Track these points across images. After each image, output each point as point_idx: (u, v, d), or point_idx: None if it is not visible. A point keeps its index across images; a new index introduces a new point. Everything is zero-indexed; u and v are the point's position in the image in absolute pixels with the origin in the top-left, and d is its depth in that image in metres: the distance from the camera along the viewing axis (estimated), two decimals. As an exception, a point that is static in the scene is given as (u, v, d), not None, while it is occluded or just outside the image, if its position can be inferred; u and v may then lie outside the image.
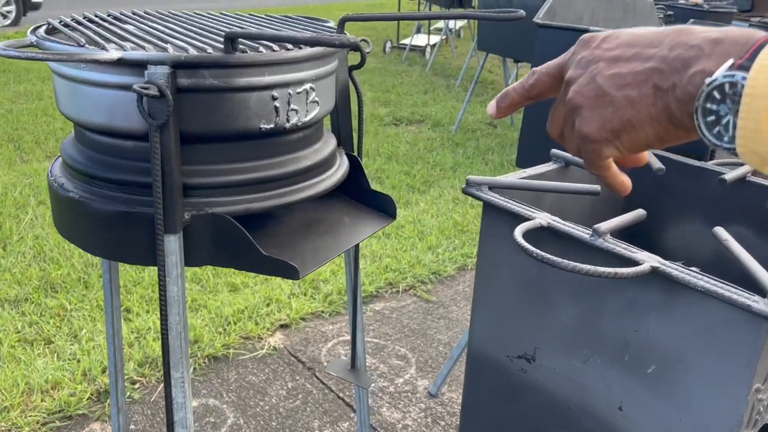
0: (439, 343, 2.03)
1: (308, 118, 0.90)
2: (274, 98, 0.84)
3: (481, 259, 0.98)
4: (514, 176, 1.00)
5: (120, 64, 0.77)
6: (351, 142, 1.12)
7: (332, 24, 1.11)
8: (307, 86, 0.89)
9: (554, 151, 1.07)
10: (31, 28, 0.88)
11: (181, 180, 0.81)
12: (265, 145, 0.88)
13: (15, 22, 8.22)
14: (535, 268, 0.89)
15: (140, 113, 0.76)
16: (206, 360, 1.88)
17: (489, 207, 0.93)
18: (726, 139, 0.41)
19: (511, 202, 0.88)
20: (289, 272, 0.82)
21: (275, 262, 0.82)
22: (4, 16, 8.15)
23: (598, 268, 0.72)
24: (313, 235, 0.96)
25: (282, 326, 2.08)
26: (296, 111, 0.88)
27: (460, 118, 4.45)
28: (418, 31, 7.23)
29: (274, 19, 1.09)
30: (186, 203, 0.83)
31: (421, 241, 2.67)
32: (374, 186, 3.46)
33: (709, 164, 1.11)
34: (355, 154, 1.12)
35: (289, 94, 0.86)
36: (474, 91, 4.61)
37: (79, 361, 1.84)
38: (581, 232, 0.81)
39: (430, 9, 6.69)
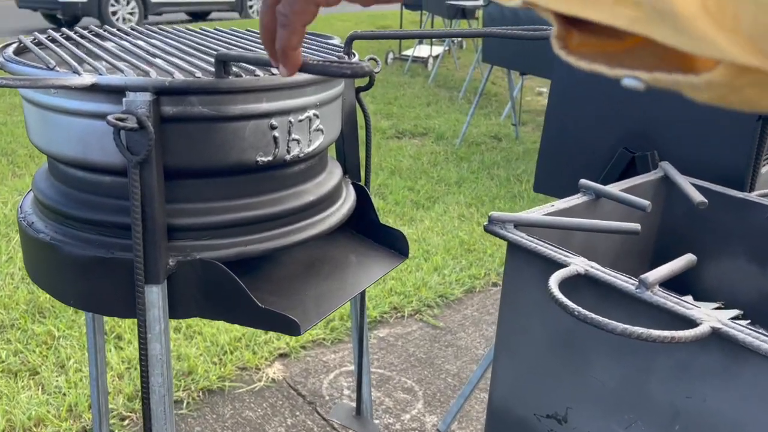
0: (447, 374, 1.92)
1: (311, 148, 0.80)
2: (272, 127, 0.74)
3: (506, 305, 0.87)
4: (540, 211, 0.90)
5: (94, 90, 0.66)
6: (358, 171, 1.01)
7: (337, 41, 1.01)
8: (311, 113, 0.78)
9: (583, 182, 0.97)
10: (0, 46, 0.78)
11: (164, 222, 0.70)
12: (261, 180, 0.77)
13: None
14: (569, 319, 0.78)
15: (117, 147, 0.65)
16: (200, 393, 1.77)
17: (515, 248, 0.82)
18: None
19: (542, 244, 0.78)
20: (289, 327, 0.72)
21: (273, 316, 0.72)
22: (126, 20, 8.66)
23: (652, 332, 0.61)
24: (316, 278, 0.86)
25: (281, 355, 1.97)
26: (298, 141, 0.77)
27: (464, 132, 4.34)
28: (421, 42, 7.15)
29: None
30: (171, 247, 0.72)
31: (426, 262, 2.56)
32: (377, 203, 3.35)
33: (753, 195, 1.01)
34: (362, 183, 1.02)
35: (290, 122, 0.76)
36: (478, 103, 4.51)
37: (65, 394, 1.73)
38: (626, 282, 0.70)
39: (432, 21, 6.61)
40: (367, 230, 0.96)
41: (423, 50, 6.94)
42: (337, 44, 0.97)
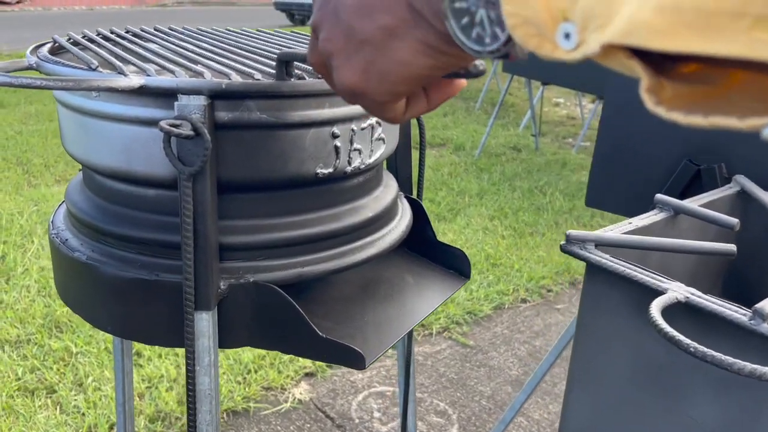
0: (481, 396, 1.83)
1: (372, 159, 0.72)
2: (334, 136, 0.66)
3: (583, 332, 0.79)
4: (619, 229, 0.82)
5: (142, 92, 0.59)
6: (410, 184, 0.94)
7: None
8: (373, 120, 0.71)
9: (660, 197, 0.89)
10: (32, 47, 0.71)
11: (217, 241, 0.63)
12: (320, 194, 0.70)
13: None
14: (662, 351, 0.70)
15: (168, 157, 0.58)
16: (225, 415, 1.70)
17: (597, 270, 0.74)
18: (487, 39, 0.32)
19: (633, 267, 0.70)
20: (354, 360, 0.64)
21: (335, 347, 0.64)
22: None
23: (786, 372, 0.53)
24: (372, 301, 0.78)
25: (307, 374, 1.88)
26: (359, 151, 0.70)
27: (483, 142, 4.27)
28: (435, 52, 7.10)
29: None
30: (222, 269, 0.65)
31: (452, 277, 2.49)
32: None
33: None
34: (415, 196, 0.94)
35: (353, 130, 0.68)
36: (497, 115, 4.44)
37: (84, 414, 1.66)
38: (736, 312, 0.62)
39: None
40: (423, 248, 0.88)
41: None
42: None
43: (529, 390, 1.42)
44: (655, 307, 0.62)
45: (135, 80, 0.58)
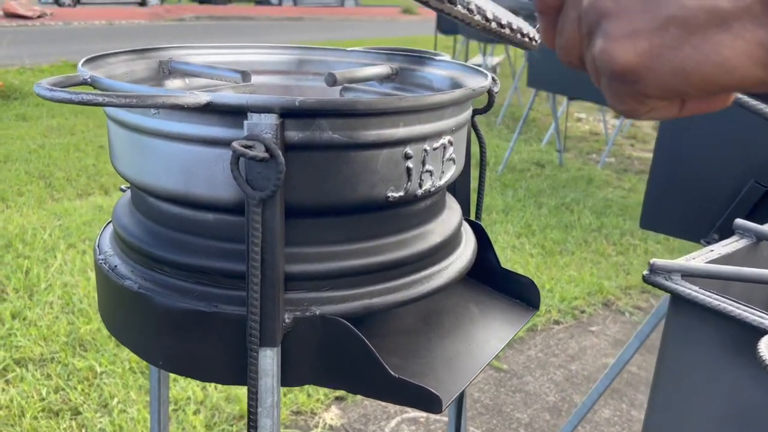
0: (519, 424, 1.76)
1: (443, 181, 0.67)
2: (407, 156, 0.61)
3: (666, 368, 0.73)
4: (703, 258, 0.76)
5: (208, 110, 0.55)
6: (469, 206, 0.89)
7: (447, 56, 0.89)
8: (446, 139, 0.66)
9: (740, 222, 0.83)
10: (83, 60, 0.67)
11: (283, 270, 0.58)
12: (388, 219, 0.65)
13: None
14: (764, 394, 0.64)
15: (236, 180, 0.53)
16: (254, 439, 1.64)
17: (684, 304, 0.69)
18: None
19: (730, 302, 0.64)
20: (429, 403, 0.58)
21: (408, 388, 0.59)
22: None
23: None
24: (437, 334, 0.72)
25: (338, 398, 1.83)
26: (431, 173, 0.65)
27: (506, 158, 4.22)
28: (454, 67, 7.09)
29: (374, 53, 0.87)
30: (286, 300, 0.60)
31: (482, 296, 2.43)
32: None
33: None
34: (474, 218, 0.89)
35: (425, 150, 0.63)
36: (521, 130, 4.39)
37: (109, 437, 1.61)
38: None
39: (468, 46, 6.54)
40: (486, 275, 0.83)
41: (457, 75, 6.86)
42: (448, 60, 0.85)
43: (576, 421, 1.36)
44: (765, 347, 0.56)
45: (202, 97, 0.53)
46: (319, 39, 11.41)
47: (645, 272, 0.71)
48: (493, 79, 0.84)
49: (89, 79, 0.61)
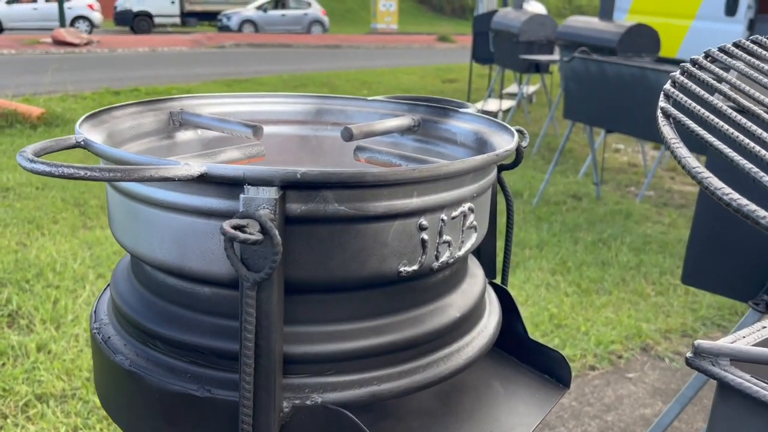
0: (551, 480, 1.67)
1: (462, 251, 0.62)
2: (421, 228, 0.56)
3: (712, 466, 0.65)
4: (754, 335, 0.68)
5: (203, 181, 0.50)
6: (494, 267, 0.82)
7: (473, 109, 0.84)
8: (466, 207, 0.60)
9: (797, 294, 0.75)
10: (86, 116, 0.64)
11: (282, 356, 0.53)
12: (400, 294, 0.59)
13: None
14: None
15: (229, 260, 0.48)
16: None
17: (735, 394, 0.61)
18: None
19: (789, 400, 0.56)
20: (442, 507, 0.52)
21: (420, 489, 0.52)
22: None
23: None
24: (455, 418, 0.66)
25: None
26: (448, 243, 0.59)
27: (542, 190, 4.13)
28: (490, 95, 7.04)
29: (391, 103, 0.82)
30: (285, 386, 0.54)
31: (514, 338, 2.34)
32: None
33: None
34: (499, 281, 0.83)
35: (442, 220, 0.58)
36: (557, 161, 4.30)
37: (125, 482, 1.57)
38: None
39: (503, 75, 6.49)
40: (513, 346, 0.76)
41: (492, 104, 6.81)
42: (473, 113, 0.80)
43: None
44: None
45: (195, 168, 0.49)
46: (354, 67, 11.51)
47: (688, 354, 0.64)
48: (521, 133, 0.79)
49: (82, 142, 0.57)
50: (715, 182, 0.45)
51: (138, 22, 17.53)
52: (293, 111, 0.86)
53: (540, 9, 8.42)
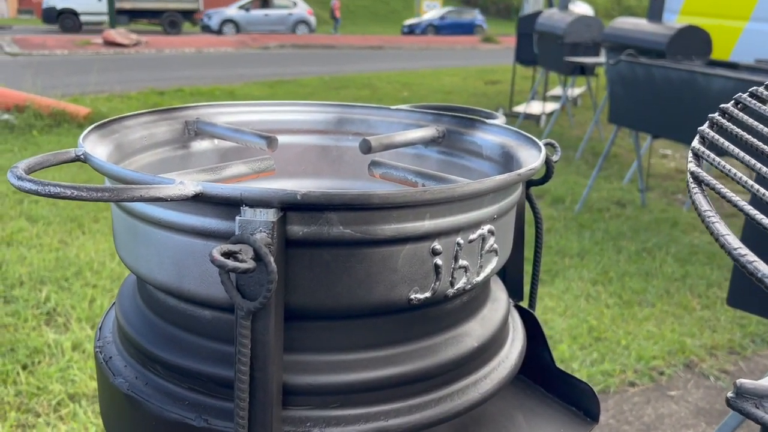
0: (584, 503, 1.60)
1: (481, 276, 0.57)
2: (434, 252, 0.52)
3: None
4: (805, 377, 0.61)
5: (199, 200, 0.47)
6: (520, 289, 0.78)
7: (500, 120, 0.79)
8: (485, 229, 0.56)
9: None
10: (87, 130, 0.62)
11: (280, 388, 0.49)
12: (411, 323, 0.55)
13: None
14: None
15: (224, 287, 0.45)
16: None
17: (781, 443, 0.55)
18: None
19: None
20: None
21: None
22: None
23: None
24: (474, 449, 0.62)
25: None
26: (465, 269, 0.55)
27: (584, 196, 4.02)
28: (533, 97, 6.91)
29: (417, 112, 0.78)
30: (285, 418, 0.51)
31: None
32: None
33: None
34: (526, 304, 0.78)
35: (458, 244, 0.53)
36: (601, 166, 4.19)
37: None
38: None
39: (547, 77, 6.36)
40: (537, 374, 0.71)
41: (535, 107, 6.69)
42: (500, 124, 0.75)
43: None
44: None
45: (189, 188, 0.46)
46: (397, 68, 11.48)
47: (729, 395, 0.58)
48: (551, 146, 0.74)
49: (82, 156, 0.55)
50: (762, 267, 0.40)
51: (63, 20, 16.36)
52: (314, 120, 0.83)
53: (586, 10, 8.25)
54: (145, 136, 0.69)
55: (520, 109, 6.75)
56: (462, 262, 0.54)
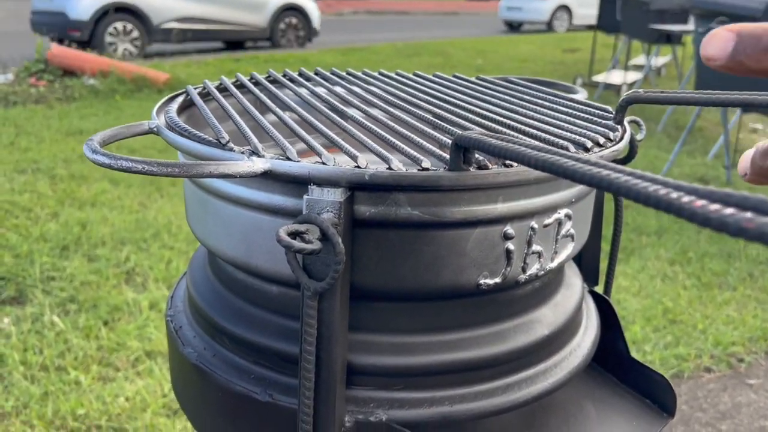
0: (651, 490, 1.56)
1: (555, 263, 0.55)
2: (506, 237, 0.50)
3: None
4: None
5: (268, 177, 0.47)
6: (596, 274, 0.74)
7: (582, 96, 0.75)
8: (561, 214, 0.53)
9: None
10: (161, 101, 0.62)
11: (345, 370, 0.49)
12: (480, 307, 0.54)
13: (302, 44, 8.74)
14: None
15: (290, 267, 0.45)
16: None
17: None
18: None
19: None
20: None
21: None
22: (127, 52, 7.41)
23: None
24: (540, 439, 0.60)
25: None
26: (539, 255, 0.52)
27: (665, 171, 3.85)
28: (614, 66, 6.63)
29: (510, 89, 0.74)
30: (348, 398, 0.51)
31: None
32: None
33: None
34: (601, 290, 0.75)
35: (532, 228, 0.51)
36: (685, 140, 3.99)
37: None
38: None
39: (630, 46, 6.08)
40: (610, 362, 0.69)
41: (616, 76, 6.41)
42: (587, 101, 0.71)
43: None
44: None
45: (258, 164, 0.45)
46: (472, 35, 11.23)
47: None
48: (636, 123, 0.70)
49: (155, 129, 0.55)
50: None
51: None
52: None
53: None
54: (220, 107, 0.69)
55: (600, 78, 6.50)
56: (535, 247, 0.52)
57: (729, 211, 0.24)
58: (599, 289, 0.74)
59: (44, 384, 1.78)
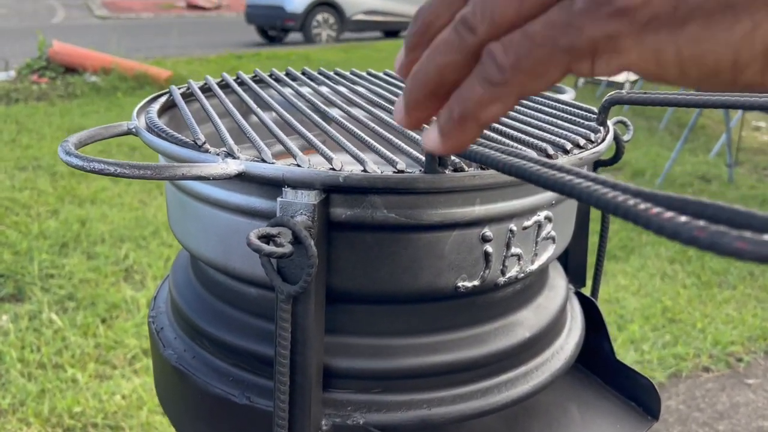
0: (647, 490, 1.56)
1: (536, 265, 0.54)
2: (485, 239, 0.49)
3: None
4: None
5: (243, 179, 0.46)
6: (583, 274, 0.74)
7: (570, 96, 0.75)
8: (541, 216, 0.53)
9: None
10: (142, 103, 0.62)
11: (321, 368, 0.49)
12: (458, 310, 0.53)
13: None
14: None
15: (264, 269, 0.44)
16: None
17: None
18: None
19: None
20: None
21: None
22: (329, 37, 9.23)
23: None
24: (523, 441, 0.60)
25: None
26: (518, 257, 0.52)
27: (667, 169, 3.83)
28: (616, 64, 6.58)
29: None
30: (326, 400, 0.50)
31: (620, 331, 2.19)
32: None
33: None
34: (588, 292, 0.74)
35: (511, 231, 0.51)
36: (687, 138, 3.97)
37: None
38: None
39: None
40: (595, 365, 0.68)
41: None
42: (571, 102, 0.71)
43: None
44: None
45: (232, 166, 0.45)
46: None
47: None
48: (623, 124, 0.69)
49: (134, 130, 0.55)
50: None
51: None
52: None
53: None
54: (215, 104, 0.69)
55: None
56: (515, 249, 0.52)
57: (683, 219, 0.23)
58: (587, 290, 0.74)
59: (41, 381, 1.79)
